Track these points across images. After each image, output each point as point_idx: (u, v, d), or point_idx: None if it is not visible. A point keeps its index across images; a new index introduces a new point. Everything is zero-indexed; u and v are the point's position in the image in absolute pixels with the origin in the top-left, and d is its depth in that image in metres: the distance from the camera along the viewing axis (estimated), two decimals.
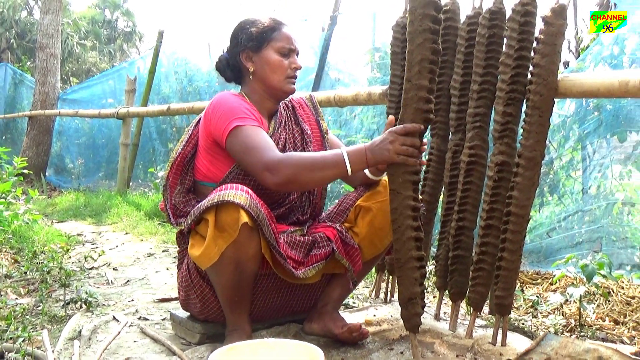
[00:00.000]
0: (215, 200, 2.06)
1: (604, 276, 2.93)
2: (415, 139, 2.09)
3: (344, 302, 2.75)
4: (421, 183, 2.85)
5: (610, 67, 3.66)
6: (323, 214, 2.70)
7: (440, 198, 2.85)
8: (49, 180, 10.46)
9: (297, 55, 2.46)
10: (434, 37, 2.11)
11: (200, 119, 2.45)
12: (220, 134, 2.26)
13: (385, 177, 2.48)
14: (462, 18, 2.67)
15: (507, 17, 2.46)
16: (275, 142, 2.37)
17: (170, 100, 7.93)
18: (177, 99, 7.93)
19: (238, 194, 2.07)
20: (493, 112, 2.53)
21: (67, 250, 3.79)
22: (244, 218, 2.05)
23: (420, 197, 2.37)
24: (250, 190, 2.12)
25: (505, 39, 2.46)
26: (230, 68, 2.50)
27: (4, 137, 12.49)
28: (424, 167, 2.83)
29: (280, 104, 2.57)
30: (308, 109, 2.70)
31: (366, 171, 2.43)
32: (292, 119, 2.60)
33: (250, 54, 2.40)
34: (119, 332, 2.51)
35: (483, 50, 2.53)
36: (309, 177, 2.19)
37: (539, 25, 2.34)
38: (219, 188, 2.14)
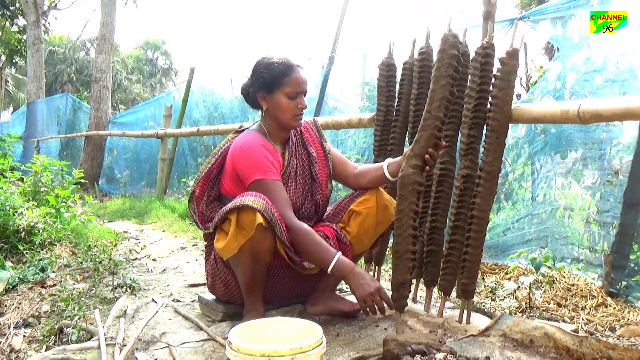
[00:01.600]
0: (237, 204, 2.07)
1: (549, 267, 2.93)
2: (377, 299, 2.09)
3: (337, 288, 2.74)
4: None
5: (554, 98, 3.66)
6: None
7: None
8: (101, 187, 10.47)
9: (305, 94, 2.38)
10: (453, 82, 2.21)
11: (228, 146, 2.41)
12: (245, 178, 2.25)
13: (374, 188, 2.50)
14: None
15: (471, 58, 2.46)
16: (289, 172, 2.40)
17: (199, 124, 7.94)
18: (205, 122, 7.93)
19: (256, 200, 2.07)
20: (460, 134, 2.53)
21: (115, 244, 3.81)
22: (259, 219, 2.05)
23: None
24: (266, 197, 2.12)
25: (469, 76, 2.47)
26: (250, 100, 2.45)
27: (65, 153, 12.49)
28: None
29: None
30: (313, 132, 2.64)
31: (387, 175, 2.43)
32: (300, 142, 2.55)
33: (263, 95, 2.34)
34: (157, 312, 2.52)
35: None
36: (302, 251, 2.20)
37: (497, 64, 2.36)
38: (241, 194, 2.13)
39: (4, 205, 4.28)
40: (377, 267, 3.11)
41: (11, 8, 15.89)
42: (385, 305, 2.10)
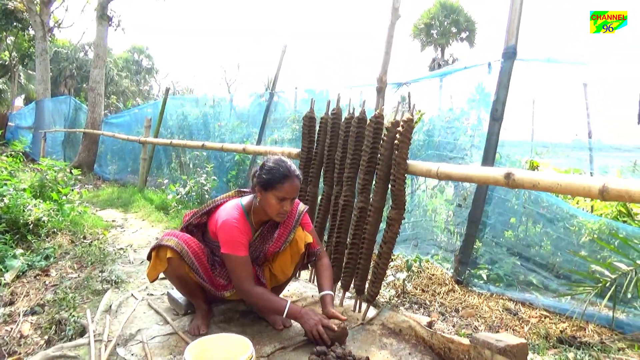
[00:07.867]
0: (157, 243, 2.14)
1: (417, 265, 3.08)
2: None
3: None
4: (317, 214, 2.90)
5: (425, 136, 3.79)
6: None
7: (327, 224, 2.87)
8: (95, 171, 9.98)
9: (293, 200, 2.12)
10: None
11: (224, 202, 2.28)
12: (221, 245, 2.10)
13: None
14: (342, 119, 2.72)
15: (367, 123, 2.52)
16: (254, 244, 2.24)
17: (173, 130, 7.67)
18: (176, 128, 7.65)
19: (172, 239, 2.12)
20: (358, 177, 2.59)
21: (105, 234, 3.65)
22: (169, 254, 2.09)
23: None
24: (183, 237, 2.14)
25: (365, 135, 2.52)
26: (253, 184, 2.19)
27: (67, 142, 11.80)
28: (319, 203, 2.88)
29: None
30: (292, 219, 2.28)
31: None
32: (275, 225, 2.27)
33: (259, 189, 2.11)
34: (134, 309, 2.45)
35: (354, 140, 2.58)
36: (259, 307, 2.22)
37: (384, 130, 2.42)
38: (166, 232, 2.20)
39: (16, 203, 4.03)
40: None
41: (22, 21, 14.58)
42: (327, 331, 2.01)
